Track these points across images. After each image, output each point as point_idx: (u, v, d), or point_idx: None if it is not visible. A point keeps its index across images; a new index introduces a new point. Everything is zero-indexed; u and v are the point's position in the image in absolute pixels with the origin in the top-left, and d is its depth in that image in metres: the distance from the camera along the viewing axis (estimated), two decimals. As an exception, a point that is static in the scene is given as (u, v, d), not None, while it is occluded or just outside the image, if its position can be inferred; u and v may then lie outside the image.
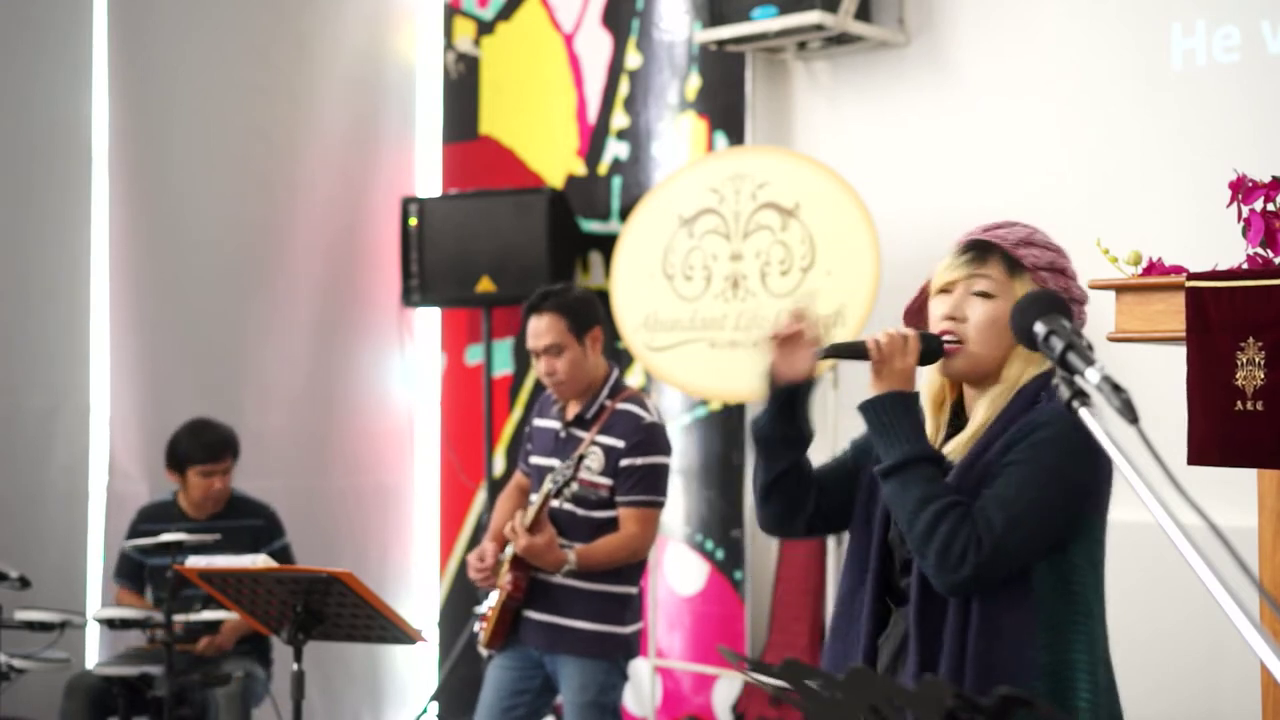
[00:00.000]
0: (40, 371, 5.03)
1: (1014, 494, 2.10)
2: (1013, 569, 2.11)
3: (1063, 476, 2.13)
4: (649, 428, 3.77)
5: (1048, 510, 2.12)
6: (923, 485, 2.13)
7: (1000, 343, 2.20)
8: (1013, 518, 2.09)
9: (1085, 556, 2.17)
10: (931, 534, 2.10)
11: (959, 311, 2.23)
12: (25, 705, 4.67)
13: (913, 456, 2.15)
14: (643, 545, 3.75)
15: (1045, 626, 2.12)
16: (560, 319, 3.77)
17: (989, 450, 2.16)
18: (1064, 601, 2.14)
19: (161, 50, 5.32)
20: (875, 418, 2.20)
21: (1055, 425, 2.12)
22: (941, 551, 2.09)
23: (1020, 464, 2.12)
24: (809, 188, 4.53)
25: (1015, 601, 2.12)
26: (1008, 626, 2.11)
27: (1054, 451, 2.11)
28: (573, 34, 5.53)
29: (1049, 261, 2.25)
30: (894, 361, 2.20)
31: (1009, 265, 2.23)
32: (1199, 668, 3.91)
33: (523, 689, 3.83)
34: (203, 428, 4.69)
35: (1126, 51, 4.23)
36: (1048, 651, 2.12)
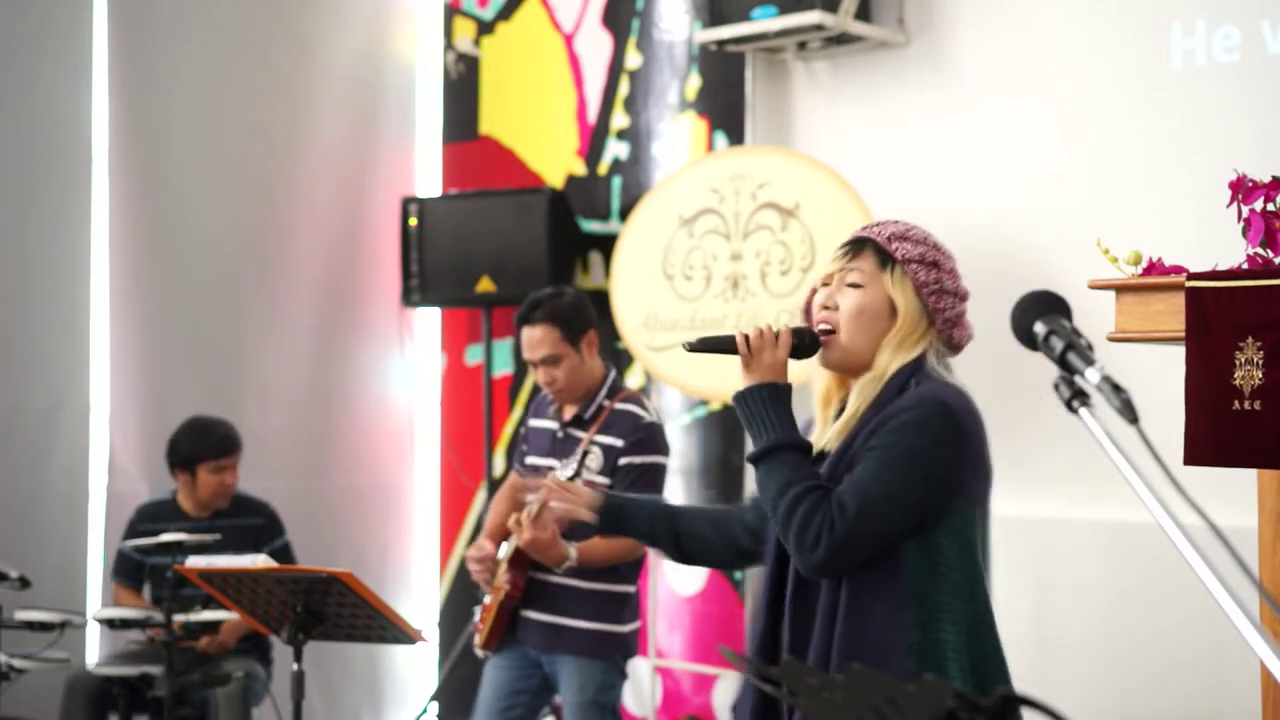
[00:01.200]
0: (40, 371, 5.03)
1: (869, 477, 2.18)
2: (869, 551, 2.18)
3: (919, 460, 2.19)
4: (648, 427, 3.77)
5: (902, 493, 2.19)
6: (786, 471, 2.22)
7: (870, 331, 2.31)
8: (865, 500, 2.17)
9: (954, 538, 2.22)
10: (790, 516, 2.19)
11: (831, 301, 2.34)
12: (25, 705, 4.67)
13: (778, 444, 2.25)
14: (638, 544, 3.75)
15: (914, 606, 2.18)
16: (553, 329, 3.76)
17: (856, 438, 2.25)
18: (932, 582, 2.20)
19: (161, 50, 5.32)
20: (745, 408, 2.31)
21: (917, 410, 2.20)
22: (800, 533, 2.18)
23: (880, 448, 2.20)
24: (809, 188, 4.53)
25: (884, 582, 2.19)
26: (876, 607, 2.18)
27: (913, 435, 2.19)
28: (573, 34, 5.53)
29: (920, 254, 2.33)
30: (763, 355, 2.31)
31: (880, 258, 2.33)
32: (1199, 668, 3.91)
33: (520, 689, 3.83)
34: (206, 425, 4.70)
35: (1126, 51, 4.23)
36: (916, 630, 2.17)
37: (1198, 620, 3.81)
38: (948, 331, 2.35)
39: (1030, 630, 4.17)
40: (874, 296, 2.31)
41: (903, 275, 2.31)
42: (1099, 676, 4.09)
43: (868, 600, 2.18)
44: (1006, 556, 2.39)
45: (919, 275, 2.31)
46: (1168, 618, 3.96)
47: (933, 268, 2.33)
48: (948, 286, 2.34)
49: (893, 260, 2.32)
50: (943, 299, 2.33)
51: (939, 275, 2.33)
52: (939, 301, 2.32)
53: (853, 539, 2.15)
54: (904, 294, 2.31)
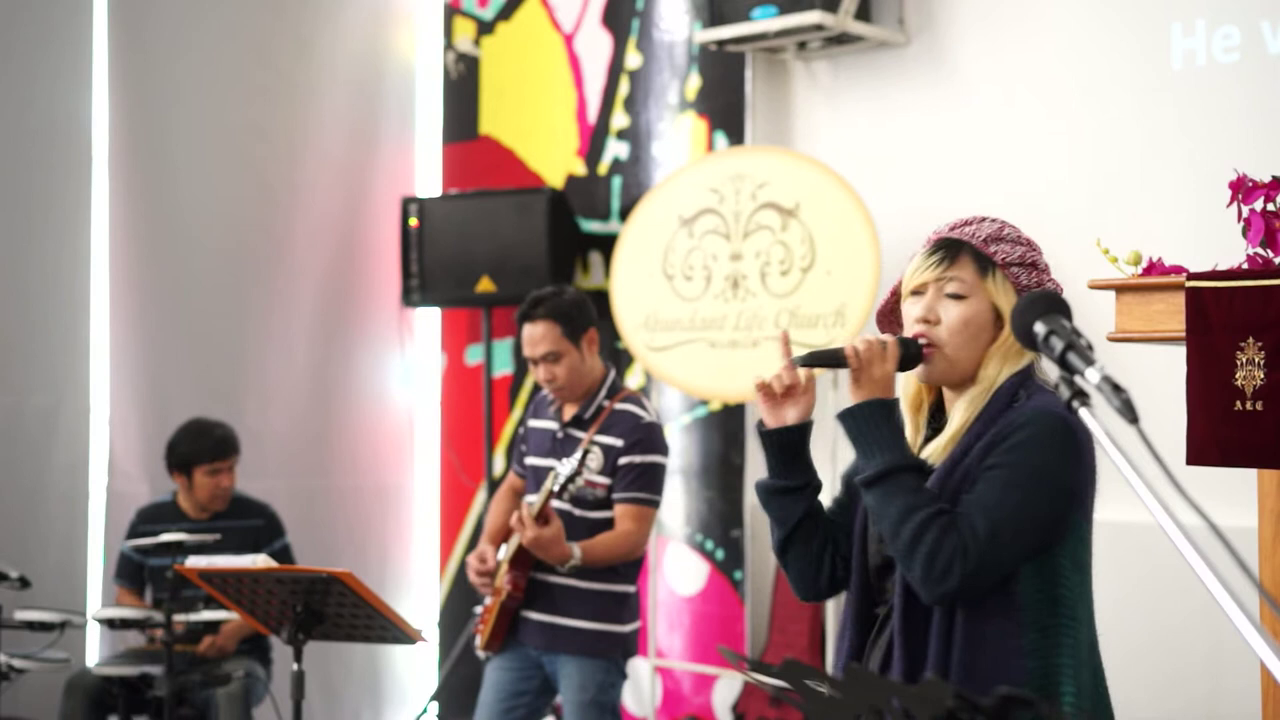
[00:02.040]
0: (40, 371, 5.03)
1: (996, 499, 2.07)
2: (999, 576, 2.08)
3: (1045, 478, 2.09)
4: (648, 427, 3.78)
5: (1031, 514, 2.08)
6: (906, 495, 2.10)
7: (975, 343, 2.18)
8: (996, 524, 2.06)
9: (1070, 559, 2.14)
10: (916, 545, 2.07)
11: (932, 314, 2.19)
12: (25, 705, 4.68)
13: (894, 466, 2.12)
14: (639, 543, 3.75)
15: (1030, 632, 2.09)
16: (554, 326, 3.76)
17: (969, 453, 2.13)
18: (1049, 606, 2.11)
19: (161, 50, 5.32)
20: (854, 426, 2.18)
21: (1034, 425, 2.09)
22: (927, 563, 2.06)
23: (1001, 467, 2.08)
24: (809, 188, 4.53)
25: (1000, 607, 2.09)
26: (992, 632, 2.09)
27: (1035, 453, 2.08)
28: (573, 34, 5.53)
29: (1020, 256, 2.21)
30: (873, 369, 2.17)
31: (979, 263, 2.19)
32: (1199, 668, 3.91)
33: (522, 690, 3.83)
34: (203, 427, 4.70)
35: (1127, 51, 4.23)
36: (1033, 657, 2.09)
37: (1198, 620, 3.81)
38: None
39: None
40: (979, 307, 2.17)
41: (1005, 280, 2.18)
42: (1099, 676, 4.09)
43: (983, 626, 2.08)
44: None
45: (1021, 279, 2.19)
46: (1168, 618, 3.96)
47: (1033, 269, 2.21)
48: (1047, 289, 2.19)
49: (993, 265, 2.19)
50: None
51: (1039, 276, 2.21)
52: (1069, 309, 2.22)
53: (985, 565, 2.05)
54: (1008, 300, 2.17)
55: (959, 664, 2.07)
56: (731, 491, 4.99)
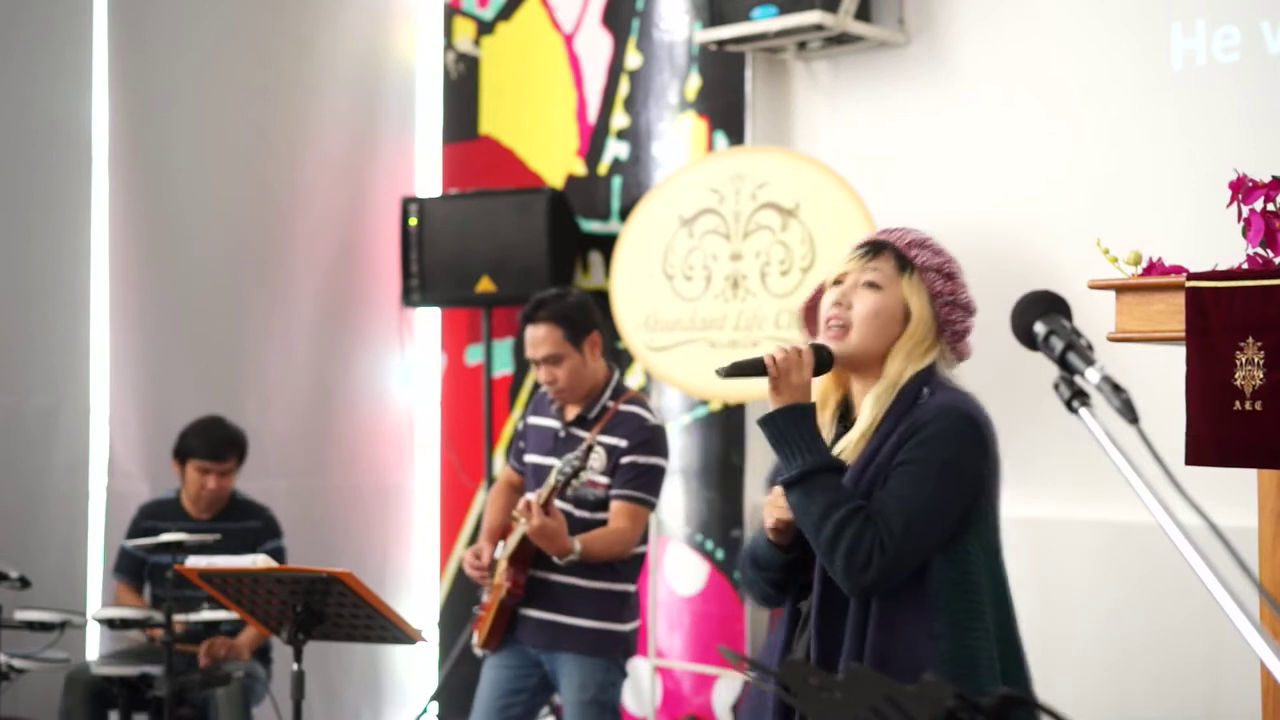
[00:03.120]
0: (40, 371, 5.03)
1: (910, 493, 2.19)
2: (915, 565, 2.20)
3: (954, 471, 2.22)
4: (653, 429, 3.78)
5: (944, 506, 2.21)
6: (826, 494, 2.21)
7: (882, 335, 2.31)
8: (911, 517, 2.18)
9: (981, 545, 2.25)
10: (836, 541, 2.18)
11: (845, 300, 2.33)
12: (25, 705, 4.67)
13: (814, 467, 2.23)
14: (631, 541, 3.74)
15: (942, 616, 2.19)
16: (556, 328, 3.75)
17: (880, 450, 2.25)
18: (961, 592, 2.22)
19: (161, 50, 5.31)
20: (775, 431, 2.28)
21: (940, 421, 2.22)
22: (847, 557, 2.17)
23: (912, 463, 2.21)
24: (809, 188, 4.53)
25: (913, 595, 2.20)
26: (906, 619, 2.19)
27: (942, 447, 2.21)
28: (573, 34, 5.53)
29: (938, 264, 2.34)
30: (790, 376, 2.28)
31: (899, 261, 2.33)
32: (1199, 668, 3.91)
33: (519, 688, 3.83)
34: (213, 425, 4.69)
35: (1127, 51, 4.23)
36: (946, 641, 2.18)
37: (1198, 620, 3.81)
38: (954, 344, 2.36)
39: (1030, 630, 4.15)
40: (890, 300, 2.32)
41: (920, 282, 2.32)
42: (1099, 676, 4.09)
43: (897, 613, 2.19)
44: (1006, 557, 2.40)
45: (936, 284, 2.32)
46: (1168, 618, 3.96)
47: (949, 279, 2.34)
48: (960, 300, 2.35)
49: (911, 266, 2.32)
50: (955, 311, 2.33)
51: (954, 287, 2.34)
52: (951, 313, 2.33)
53: (903, 556, 2.17)
54: (919, 301, 2.32)
55: (872, 650, 2.18)
56: (731, 491, 4.99)
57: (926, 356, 2.31)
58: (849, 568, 2.17)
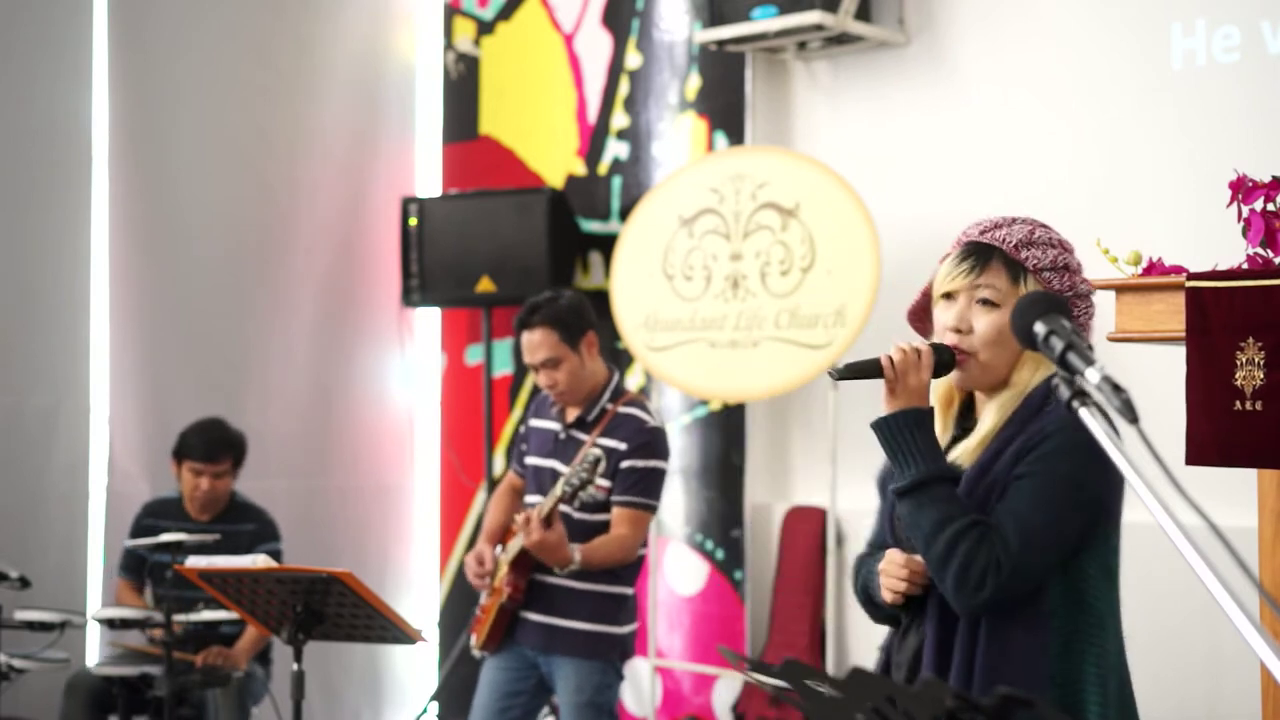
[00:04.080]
0: (40, 371, 5.03)
1: (1028, 510, 2.08)
2: (1032, 586, 2.10)
3: (1075, 487, 2.10)
4: (652, 431, 3.77)
5: (1063, 524, 2.10)
6: (940, 506, 2.11)
7: (1008, 350, 2.17)
8: (1029, 535, 2.07)
9: (1098, 566, 2.16)
10: (950, 556, 2.08)
11: (964, 323, 2.19)
12: (25, 705, 4.67)
13: (929, 476, 2.13)
14: (633, 547, 3.75)
15: (1056, 638, 2.11)
16: (552, 332, 3.75)
17: (999, 459, 2.14)
18: (1076, 612, 2.13)
19: (161, 50, 5.31)
20: (890, 436, 2.17)
21: (1064, 434, 2.09)
22: (960, 574, 2.07)
23: (1032, 476, 2.09)
24: (809, 188, 4.53)
25: (1027, 614, 2.11)
26: (1018, 638, 2.10)
27: (1064, 462, 2.09)
28: (573, 34, 5.53)
29: (1052, 260, 2.19)
30: (908, 378, 2.16)
31: (1011, 270, 2.18)
32: (1199, 668, 3.91)
33: (517, 690, 3.83)
34: (211, 426, 4.67)
35: (1127, 51, 4.23)
36: (1057, 662, 2.10)
37: (1198, 620, 3.81)
38: None
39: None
40: None
41: (1037, 286, 2.17)
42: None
43: (1009, 631, 2.10)
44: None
45: (1053, 284, 2.18)
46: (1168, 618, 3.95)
47: (1065, 271, 2.20)
48: (1081, 289, 2.21)
49: (1024, 271, 2.18)
50: (1077, 304, 2.20)
51: (1072, 280, 2.20)
52: (1072, 308, 2.18)
53: (1018, 576, 2.07)
54: None
55: (982, 670, 2.09)
56: (731, 491, 4.99)
57: None
58: (961, 585, 2.07)
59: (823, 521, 4.78)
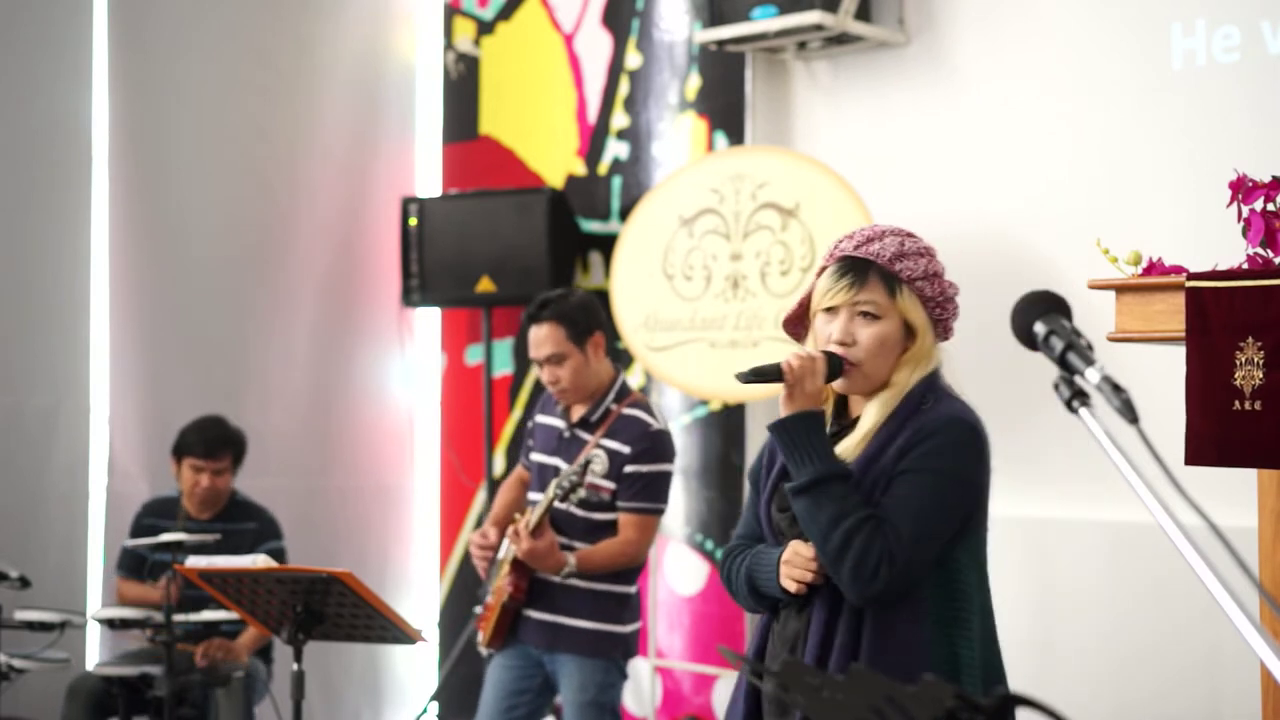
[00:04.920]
0: (40, 371, 5.03)
1: (918, 503, 2.20)
2: (919, 575, 2.21)
3: (958, 482, 2.24)
4: (655, 435, 3.77)
5: (950, 515, 2.23)
6: (835, 502, 2.21)
7: (890, 357, 2.31)
8: (919, 528, 2.19)
9: (970, 555, 2.27)
10: (845, 549, 2.18)
11: (848, 336, 2.31)
12: (25, 705, 4.68)
13: (824, 475, 2.23)
14: (641, 551, 3.75)
15: (933, 624, 2.22)
16: (559, 328, 3.75)
17: (883, 454, 2.26)
18: (950, 598, 2.24)
19: (161, 50, 5.31)
20: (787, 437, 2.29)
21: (948, 432, 2.24)
22: (856, 566, 2.18)
23: (919, 472, 2.22)
24: (809, 188, 4.53)
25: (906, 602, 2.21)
26: (899, 627, 2.21)
27: (949, 458, 2.23)
28: (573, 34, 5.53)
29: (923, 270, 2.33)
30: (805, 383, 2.29)
31: (887, 283, 2.31)
32: (1199, 668, 3.91)
33: (523, 688, 3.84)
34: (211, 424, 4.68)
35: (1127, 51, 4.23)
36: (935, 648, 2.20)
37: (1198, 620, 3.81)
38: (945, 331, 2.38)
39: (1030, 630, 4.17)
40: (892, 325, 2.31)
41: (912, 296, 2.31)
42: (1099, 676, 4.09)
43: (891, 619, 2.21)
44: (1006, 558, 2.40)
45: (926, 291, 2.32)
46: (1168, 618, 3.95)
47: (934, 279, 2.34)
48: (948, 293, 2.35)
49: (899, 282, 2.31)
50: (944, 308, 2.35)
51: (941, 286, 2.34)
52: (943, 312, 2.35)
53: (910, 566, 2.19)
54: (918, 314, 2.32)
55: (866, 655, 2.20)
56: (731, 491, 4.99)
57: (931, 362, 2.33)
58: (857, 576, 2.18)
59: (823, 521, 4.78)
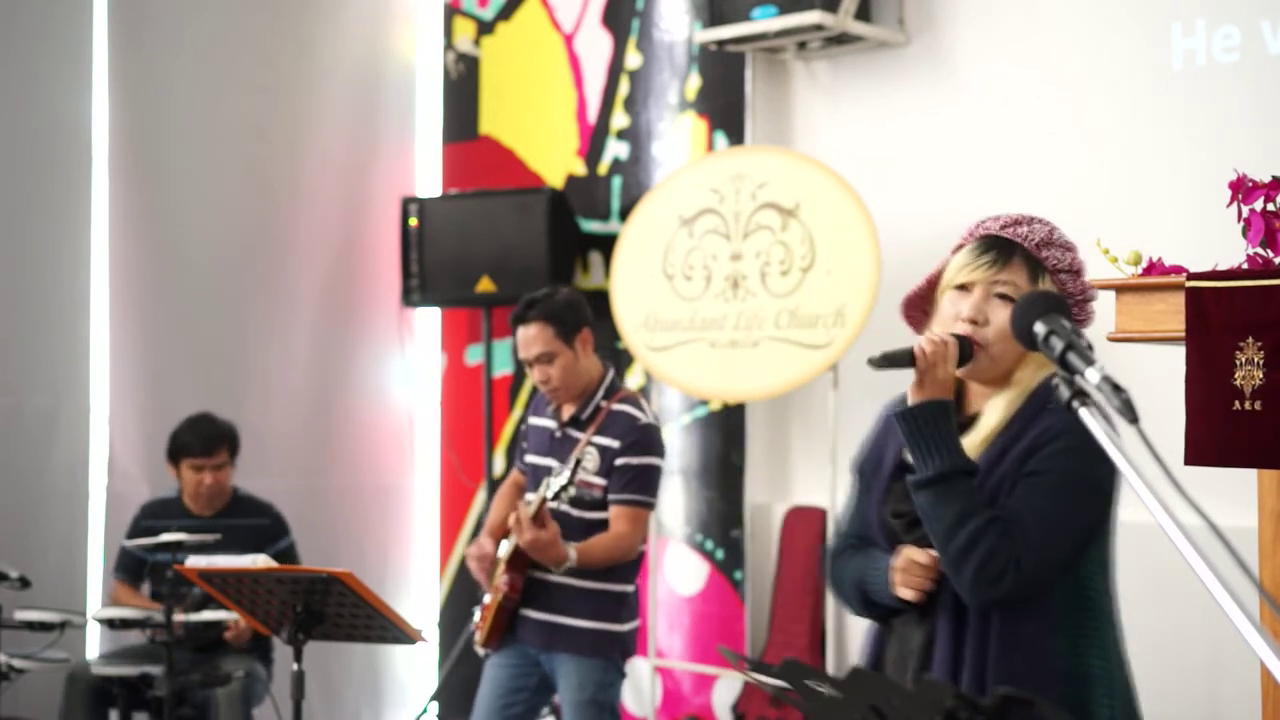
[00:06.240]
0: (40, 371, 5.03)
1: (1046, 507, 2.11)
2: (1045, 581, 2.12)
3: (1088, 487, 2.14)
4: (645, 428, 3.78)
5: (1079, 521, 2.14)
6: (961, 500, 2.11)
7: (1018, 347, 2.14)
8: (1049, 532, 2.10)
9: (1098, 560, 2.20)
10: (971, 550, 2.09)
11: (980, 315, 2.20)
12: (25, 705, 4.68)
13: (952, 469, 2.13)
14: (633, 544, 3.75)
15: (1062, 634, 2.13)
16: (547, 327, 3.76)
17: (1006, 455, 2.16)
18: (1079, 608, 2.16)
19: (161, 50, 5.32)
20: (915, 427, 2.16)
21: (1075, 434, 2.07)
22: (980, 568, 2.08)
23: (1046, 474, 2.12)
24: (809, 188, 4.53)
25: (1034, 609, 2.13)
26: (1028, 633, 2.12)
27: (1078, 460, 2.11)
28: (573, 34, 5.53)
29: (1069, 263, 2.23)
30: (937, 370, 2.16)
31: (1031, 268, 2.20)
32: (1199, 668, 3.91)
33: (520, 687, 3.84)
34: (201, 421, 4.70)
35: (1127, 51, 4.23)
36: (1065, 659, 2.13)
37: (1198, 621, 3.81)
38: None
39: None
40: None
41: (1054, 287, 2.20)
42: (1099, 676, 4.09)
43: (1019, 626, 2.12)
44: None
45: (1067, 286, 2.22)
46: (1168, 618, 3.95)
47: (1077, 275, 2.23)
48: (1089, 293, 2.25)
49: (1044, 270, 2.21)
50: (1082, 308, 2.23)
51: (1082, 285, 2.24)
52: (1080, 311, 2.23)
53: (1038, 571, 2.10)
54: None
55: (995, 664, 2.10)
56: (731, 491, 4.99)
57: None
58: (979, 580, 2.08)
59: (823, 521, 4.78)
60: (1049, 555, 2.10)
